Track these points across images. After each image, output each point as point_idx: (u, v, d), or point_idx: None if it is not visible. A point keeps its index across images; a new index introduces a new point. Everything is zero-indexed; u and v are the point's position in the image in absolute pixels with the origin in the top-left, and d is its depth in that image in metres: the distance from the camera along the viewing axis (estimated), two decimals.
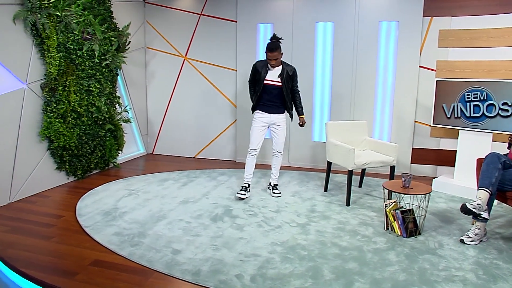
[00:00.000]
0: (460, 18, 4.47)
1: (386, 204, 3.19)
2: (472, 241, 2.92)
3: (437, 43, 4.60)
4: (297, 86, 4.00)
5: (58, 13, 3.86)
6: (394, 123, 4.91)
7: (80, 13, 4.14)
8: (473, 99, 4.02)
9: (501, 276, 2.48)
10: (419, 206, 3.21)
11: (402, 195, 3.16)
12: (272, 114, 3.94)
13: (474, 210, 2.73)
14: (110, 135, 4.87)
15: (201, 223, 3.33)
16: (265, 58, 3.83)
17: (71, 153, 4.30)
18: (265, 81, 3.84)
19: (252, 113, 4.04)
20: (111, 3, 4.79)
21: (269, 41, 3.82)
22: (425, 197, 3.12)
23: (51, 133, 3.99)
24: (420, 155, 4.89)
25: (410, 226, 3.06)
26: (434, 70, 4.64)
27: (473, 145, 4.05)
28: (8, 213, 3.51)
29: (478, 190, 2.87)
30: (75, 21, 4.08)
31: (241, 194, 3.90)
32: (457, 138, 4.25)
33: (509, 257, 2.74)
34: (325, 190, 4.24)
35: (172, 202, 3.83)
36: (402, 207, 3.17)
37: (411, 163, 4.93)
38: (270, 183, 4.19)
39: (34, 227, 3.23)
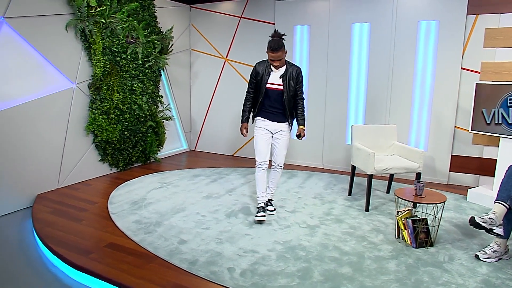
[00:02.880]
0: (510, 15, 4.09)
1: (398, 212, 3.07)
2: (488, 258, 2.70)
3: (482, 43, 4.26)
4: (302, 92, 3.45)
5: (103, 20, 4.29)
6: (432, 128, 4.63)
7: (124, 19, 4.54)
8: None
9: None
10: (435, 216, 3.05)
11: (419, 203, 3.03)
12: (276, 122, 3.45)
13: (484, 224, 2.51)
14: (151, 132, 5.26)
15: (215, 217, 3.49)
16: (266, 59, 3.35)
17: (113, 146, 4.74)
18: (267, 85, 3.36)
19: (244, 122, 3.51)
20: (156, 8, 5.17)
21: (270, 38, 3.26)
22: (436, 207, 2.95)
23: (95, 128, 4.45)
24: (460, 163, 4.55)
25: (421, 236, 2.92)
26: (479, 72, 4.30)
27: None
28: (54, 196, 4.02)
29: (494, 203, 2.64)
30: (120, 26, 4.50)
31: (261, 216, 3.37)
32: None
33: None
34: (349, 194, 4.17)
35: (196, 197, 4.06)
36: (416, 215, 3.04)
37: (450, 171, 4.61)
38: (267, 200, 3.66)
39: (72, 210, 3.66)
